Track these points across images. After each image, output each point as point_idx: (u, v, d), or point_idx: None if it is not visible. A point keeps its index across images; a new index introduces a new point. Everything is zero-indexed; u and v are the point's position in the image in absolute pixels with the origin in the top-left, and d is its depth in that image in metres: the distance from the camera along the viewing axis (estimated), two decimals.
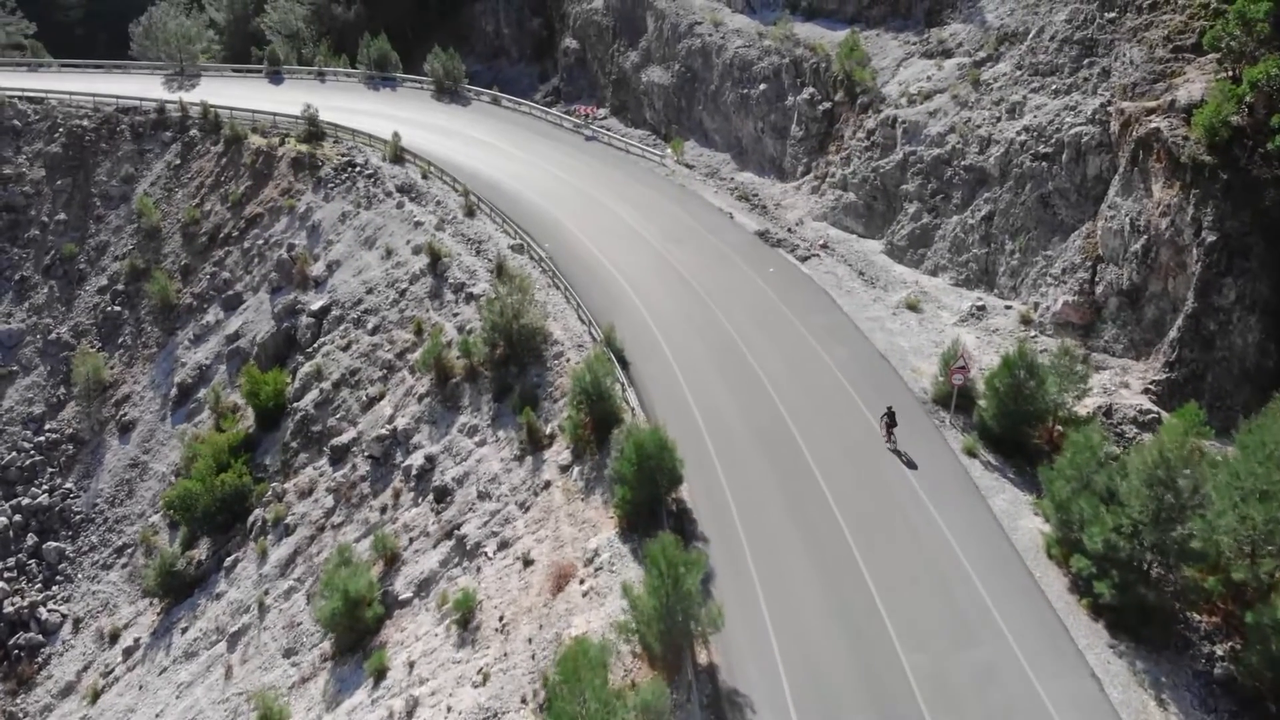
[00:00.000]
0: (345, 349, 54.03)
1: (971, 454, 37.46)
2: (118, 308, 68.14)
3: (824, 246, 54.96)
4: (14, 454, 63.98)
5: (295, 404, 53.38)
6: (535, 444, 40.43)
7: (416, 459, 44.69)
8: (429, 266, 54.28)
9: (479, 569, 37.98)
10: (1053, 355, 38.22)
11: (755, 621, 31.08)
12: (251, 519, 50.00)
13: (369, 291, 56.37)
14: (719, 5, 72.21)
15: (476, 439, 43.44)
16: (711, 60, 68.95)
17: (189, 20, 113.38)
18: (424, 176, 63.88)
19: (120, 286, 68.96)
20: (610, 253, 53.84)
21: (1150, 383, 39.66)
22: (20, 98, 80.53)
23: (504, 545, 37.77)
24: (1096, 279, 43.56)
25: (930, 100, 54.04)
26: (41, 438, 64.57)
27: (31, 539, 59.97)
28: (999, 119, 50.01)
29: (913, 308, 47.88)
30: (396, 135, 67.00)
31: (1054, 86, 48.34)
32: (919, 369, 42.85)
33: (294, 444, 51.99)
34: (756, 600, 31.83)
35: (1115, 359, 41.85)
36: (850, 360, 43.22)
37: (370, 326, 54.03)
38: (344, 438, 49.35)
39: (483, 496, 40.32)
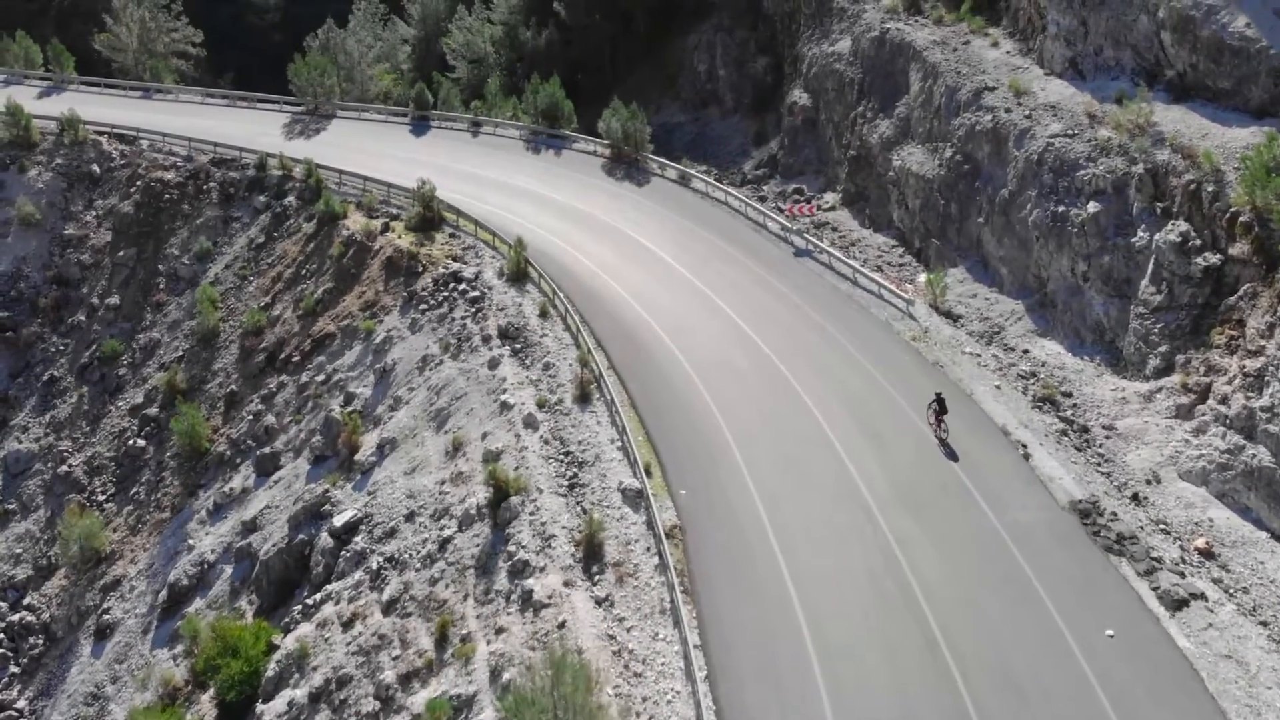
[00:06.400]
0: (348, 625, 33.15)
1: None
2: (143, 441, 50.56)
3: (1206, 554, 29.06)
4: None
5: (264, 706, 33.12)
6: None
7: None
8: (490, 506, 32.55)
9: None
10: None
11: None
12: None
13: (409, 517, 35.33)
14: (1026, 64, 46.59)
15: None
16: (1006, 149, 43.65)
17: (381, 34, 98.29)
18: (542, 314, 42.43)
19: (154, 410, 51.37)
20: (792, 528, 30.04)
21: None
22: (110, 134, 65.16)
23: None
24: None
25: None
26: (16, 616, 47.66)
27: None
28: None
29: None
30: (521, 243, 45.81)
31: None
32: None
33: None
34: None
35: None
36: None
37: (388, 595, 32.86)
38: None
39: None
